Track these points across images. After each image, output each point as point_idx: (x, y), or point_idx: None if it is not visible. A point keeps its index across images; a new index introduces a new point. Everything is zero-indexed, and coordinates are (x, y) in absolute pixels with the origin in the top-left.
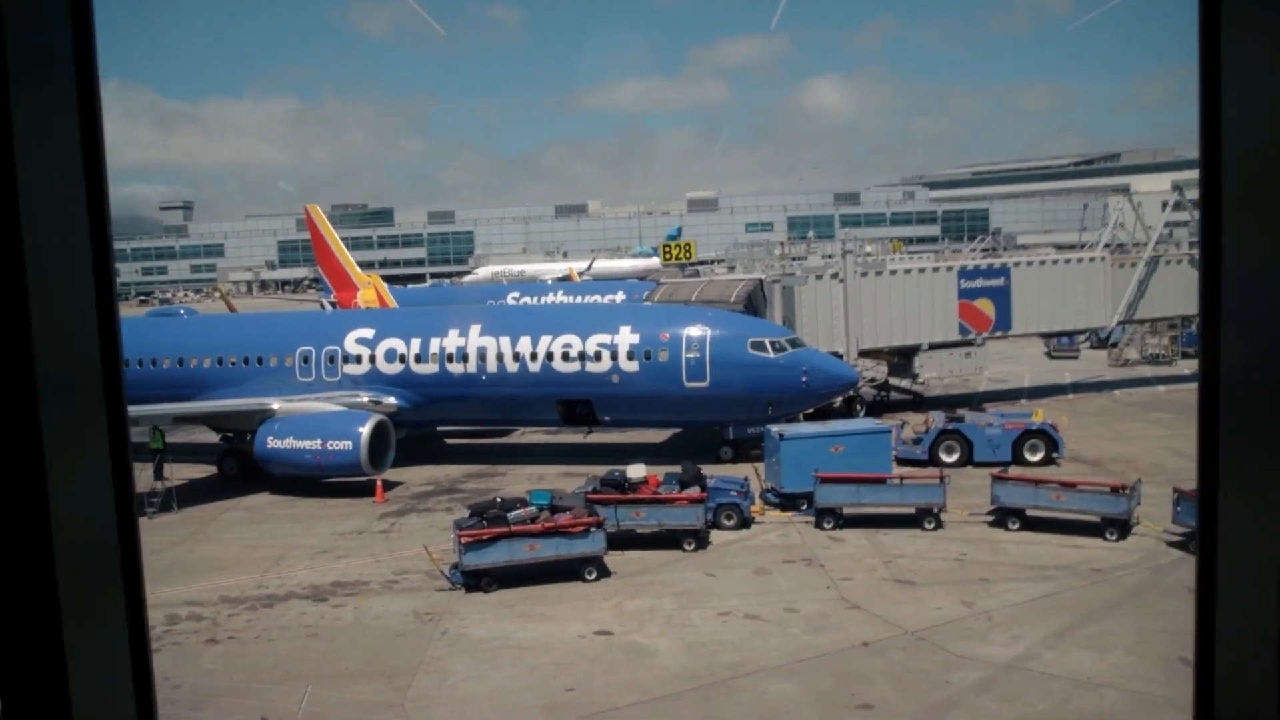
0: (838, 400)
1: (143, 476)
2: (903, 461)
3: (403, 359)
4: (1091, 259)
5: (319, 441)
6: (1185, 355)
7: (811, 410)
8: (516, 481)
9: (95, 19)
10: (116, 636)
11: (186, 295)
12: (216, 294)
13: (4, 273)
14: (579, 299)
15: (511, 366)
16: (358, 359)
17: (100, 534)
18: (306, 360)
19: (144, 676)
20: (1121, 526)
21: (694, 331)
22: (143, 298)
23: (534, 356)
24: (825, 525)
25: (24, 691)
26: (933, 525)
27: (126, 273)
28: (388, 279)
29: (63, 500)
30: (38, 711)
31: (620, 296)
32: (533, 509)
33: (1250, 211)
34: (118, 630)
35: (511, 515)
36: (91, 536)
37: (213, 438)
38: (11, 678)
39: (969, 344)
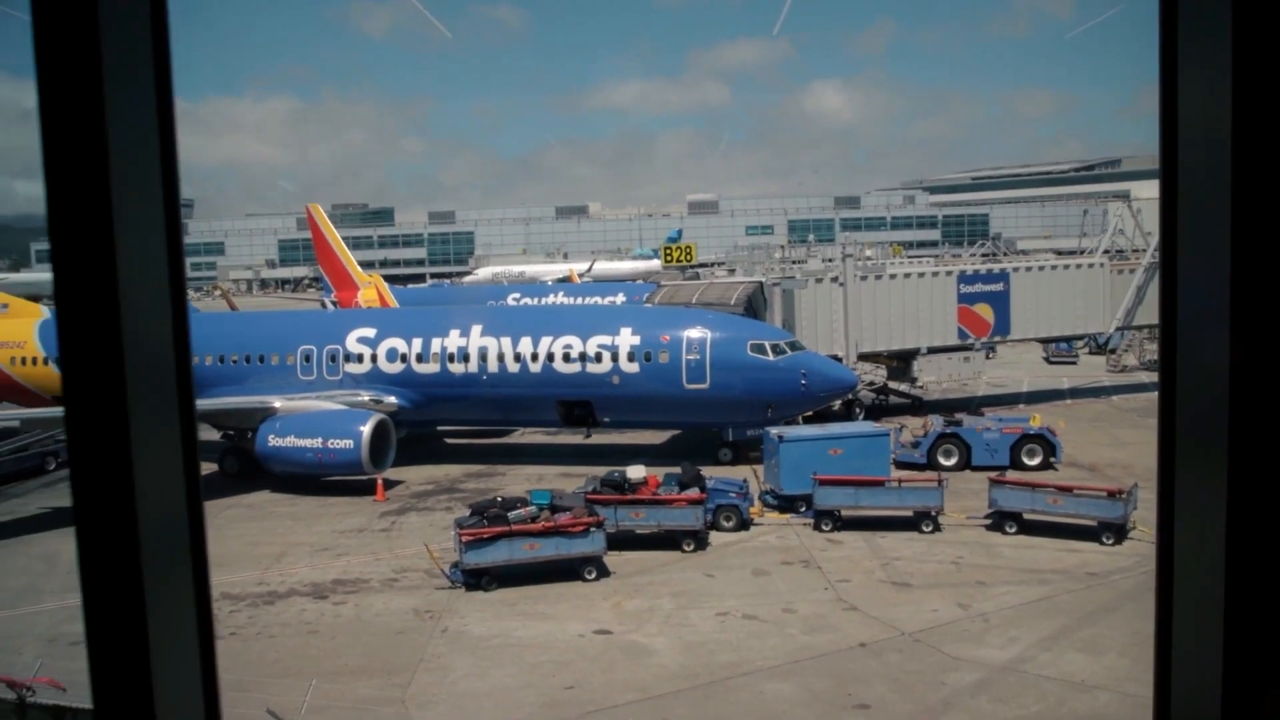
0: (837, 403)
1: None
2: (901, 465)
3: (404, 358)
4: (1090, 265)
5: (320, 440)
6: None
7: (810, 413)
8: (516, 481)
9: (170, 35)
10: (189, 625)
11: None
12: (217, 292)
13: (101, 278)
14: (580, 300)
15: (512, 367)
16: (359, 358)
17: (174, 524)
18: (308, 359)
19: (210, 665)
20: (1118, 531)
21: (694, 333)
22: None
23: (535, 357)
24: (823, 527)
25: (111, 683)
26: (930, 528)
27: None
28: (388, 279)
29: (147, 494)
30: (124, 702)
31: (621, 298)
32: (533, 508)
33: (1199, 221)
34: (189, 618)
35: (512, 514)
36: (168, 527)
37: (214, 435)
38: (100, 670)
39: (968, 348)
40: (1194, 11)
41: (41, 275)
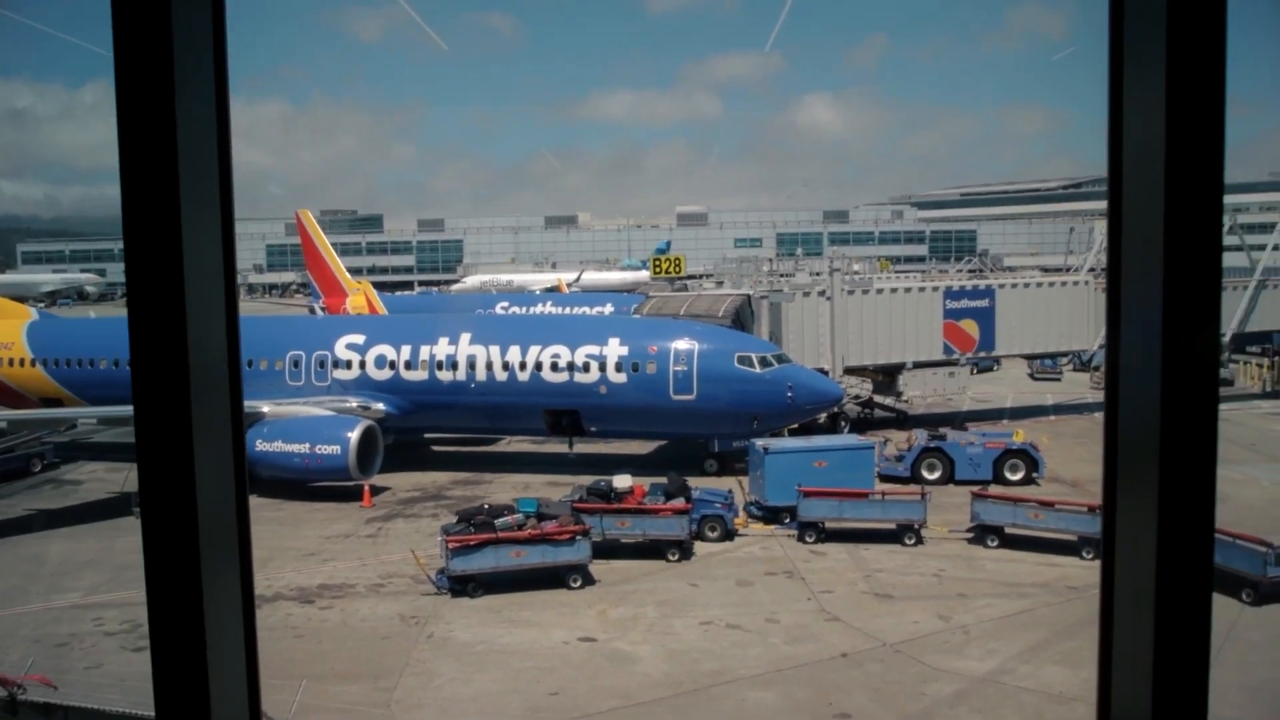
0: (822, 416)
1: (131, 477)
2: (885, 478)
3: (392, 365)
4: (1075, 282)
5: (308, 445)
6: None
7: (796, 425)
8: (502, 490)
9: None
10: (236, 612)
11: None
12: None
13: (170, 288)
14: (568, 310)
15: (500, 375)
16: (348, 364)
17: (226, 517)
18: (297, 365)
19: (252, 647)
20: (1097, 546)
21: (682, 345)
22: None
23: (523, 366)
24: (807, 539)
25: (171, 664)
26: (913, 541)
27: (112, 274)
28: (376, 286)
29: (205, 490)
30: (182, 682)
31: (609, 308)
32: (520, 516)
33: (1138, 245)
34: (237, 606)
35: (499, 522)
36: (221, 520)
37: None
38: (161, 650)
39: (953, 363)
40: (1136, 53)
41: (28, 276)
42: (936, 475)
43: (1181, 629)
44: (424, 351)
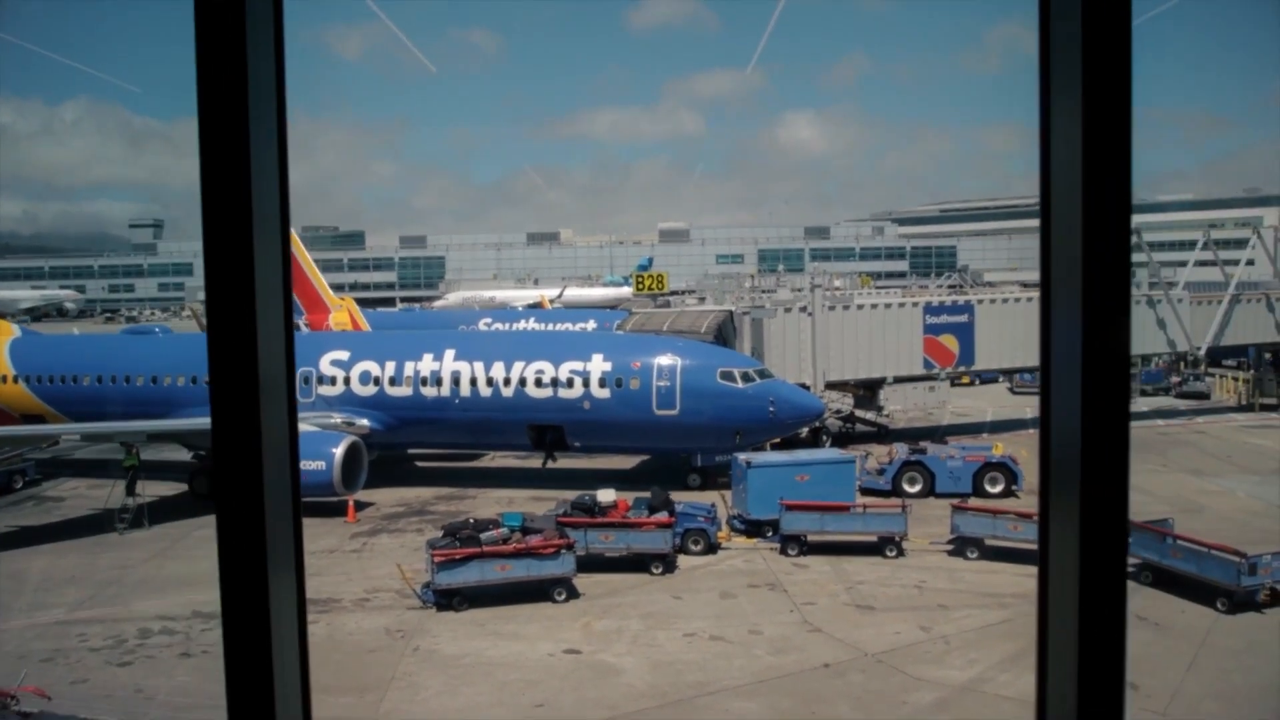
0: (804, 430)
1: (114, 493)
2: (866, 491)
3: (377, 381)
4: None
5: None
6: (1143, 393)
7: (778, 440)
8: (486, 505)
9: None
10: (294, 617)
11: (154, 314)
12: (186, 313)
13: (244, 309)
14: (551, 326)
15: (484, 391)
16: (332, 380)
17: (286, 527)
18: None
19: (304, 652)
20: None
21: (665, 360)
22: (108, 315)
23: (507, 382)
24: (790, 552)
25: (242, 668)
26: (894, 553)
27: (93, 290)
28: (358, 302)
29: (271, 498)
30: (251, 682)
31: (592, 325)
32: (505, 530)
33: (1064, 271)
34: (294, 611)
35: (484, 536)
36: (282, 530)
37: (185, 455)
38: (233, 657)
39: (933, 378)
40: (1060, 86)
41: (6, 293)
42: (917, 488)
43: (1101, 623)
44: (408, 367)
